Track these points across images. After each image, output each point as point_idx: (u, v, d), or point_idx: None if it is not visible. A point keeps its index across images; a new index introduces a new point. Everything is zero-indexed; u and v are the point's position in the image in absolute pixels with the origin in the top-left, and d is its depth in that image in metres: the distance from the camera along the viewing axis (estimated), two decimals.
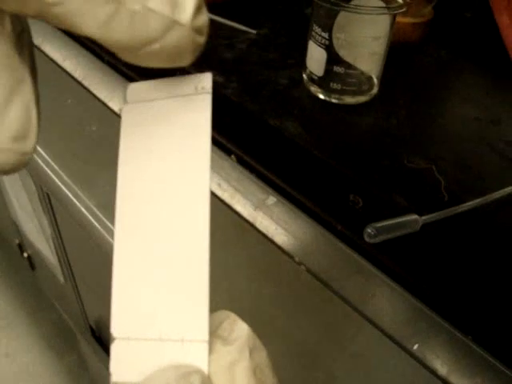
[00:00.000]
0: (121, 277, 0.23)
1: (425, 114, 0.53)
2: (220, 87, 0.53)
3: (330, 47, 0.49)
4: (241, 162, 0.44)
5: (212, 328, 0.22)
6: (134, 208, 0.23)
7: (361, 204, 0.41)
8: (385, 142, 0.48)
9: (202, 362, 0.21)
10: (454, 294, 0.36)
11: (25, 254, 1.45)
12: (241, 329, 0.23)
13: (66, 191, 0.75)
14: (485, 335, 0.34)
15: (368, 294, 0.37)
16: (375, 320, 0.36)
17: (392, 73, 0.55)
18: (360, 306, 0.37)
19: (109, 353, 0.22)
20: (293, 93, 0.53)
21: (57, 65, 0.65)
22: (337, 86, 0.51)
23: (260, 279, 0.48)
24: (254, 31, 0.64)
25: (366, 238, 0.36)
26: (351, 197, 0.41)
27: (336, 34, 0.49)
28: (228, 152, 0.45)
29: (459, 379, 0.34)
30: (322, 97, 0.52)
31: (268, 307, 0.48)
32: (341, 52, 0.50)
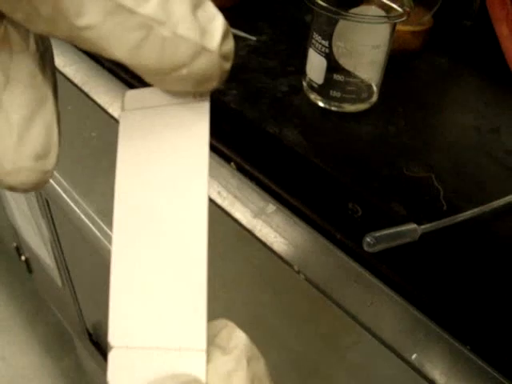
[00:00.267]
0: (118, 285, 0.23)
1: (424, 123, 0.53)
2: (219, 94, 0.53)
3: (330, 55, 0.49)
4: (240, 170, 0.44)
5: (210, 337, 0.22)
6: (132, 216, 0.23)
7: (360, 213, 0.41)
8: (384, 151, 0.48)
9: (200, 371, 0.21)
10: (453, 304, 0.36)
11: (22, 258, 1.45)
12: (239, 337, 0.22)
13: (66, 197, 0.75)
14: (483, 345, 0.34)
15: (367, 303, 0.37)
16: (374, 329, 0.36)
17: (391, 81, 0.56)
18: (358, 315, 0.37)
19: (106, 357, 0.22)
20: (292, 100, 0.53)
21: (57, 71, 0.65)
22: (336, 94, 0.51)
23: (259, 287, 0.48)
24: (254, 38, 0.64)
25: (365, 247, 0.36)
26: (350, 205, 0.41)
27: (336, 42, 0.49)
28: (227, 159, 0.45)
29: None
30: (322, 104, 0.52)
31: (267, 315, 0.48)
32: (341, 60, 0.50)
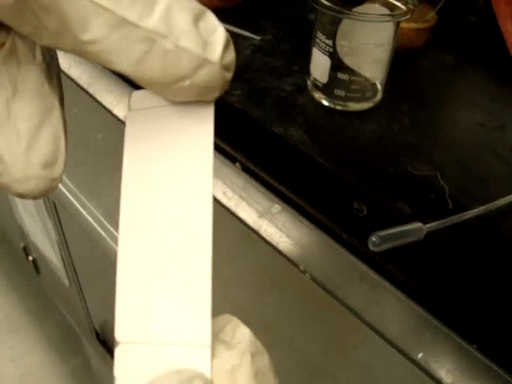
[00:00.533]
0: (124, 282, 0.23)
1: (429, 121, 0.53)
2: (224, 94, 0.53)
3: (334, 54, 0.49)
4: (245, 170, 0.44)
5: (214, 332, 0.22)
6: (138, 214, 0.24)
7: (365, 212, 0.41)
8: (389, 149, 0.48)
9: (205, 367, 0.21)
10: (459, 303, 0.36)
11: (30, 258, 1.45)
12: (243, 333, 0.23)
13: (72, 199, 0.75)
14: (489, 344, 0.34)
15: (372, 302, 0.37)
16: (379, 328, 0.36)
17: (396, 79, 0.56)
18: (364, 314, 0.37)
19: (113, 356, 0.23)
20: (297, 100, 0.53)
21: (62, 72, 0.66)
22: (341, 93, 0.51)
23: (264, 287, 0.48)
24: (258, 37, 0.64)
25: (371, 247, 0.36)
26: (355, 204, 0.41)
27: (340, 41, 0.49)
28: (232, 159, 0.45)
29: None
30: (326, 103, 0.52)
31: (272, 315, 0.48)
32: (345, 59, 0.50)
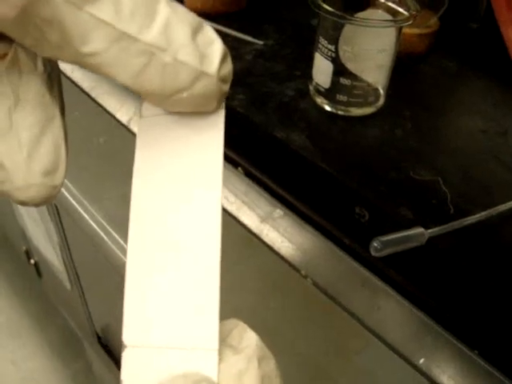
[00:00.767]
0: (133, 286, 0.23)
1: (431, 126, 0.53)
2: (226, 99, 0.53)
3: (337, 59, 0.50)
4: (248, 175, 0.44)
5: (221, 336, 0.22)
6: (147, 220, 0.24)
7: (367, 217, 0.41)
8: (391, 154, 0.48)
9: (212, 371, 0.22)
10: (460, 308, 0.36)
11: (32, 261, 1.46)
12: (250, 337, 0.23)
13: (74, 203, 0.76)
14: (491, 349, 0.34)
15: (374, 308, 0.37)
16: (381, 333, 0.36)
17: (398, 84, 0.56)
18: (366, 320, 0.37)
19: (115, 360, 0.23)
20: (299, 104, 0.53)
21: (65, 76, 0.66)
22: (343, 98, 0.51)
23: (266, 292, 0.48)
24: (261, 42, 0.64)
25: (372, 252, 0.36)
26: (357, 210, 0.41)
27: (342, 47, 0.49)
28: (235, 164, 0.45)
29: None
30: (329, 108, 0.52)
31: (274, 320, 0.48)
32: (347, 64, 0.50)
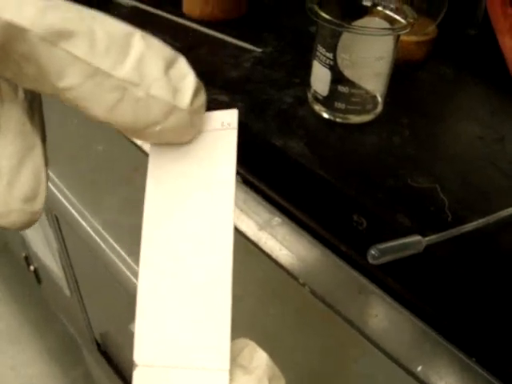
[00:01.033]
0: (144, 305, 0.24)
1: (429, 133, 0.53)
2: (225, 106, 0.53)
3: (335, 67, 0.50)
4: (245, 182, 0.44)
5: (232, 356, 0.22)
6: (159, 238, 0.24)
7: (365, 225, 0.41)
8: (389, 162, 0.48)
9: None
10: (458, 316, 0.36)
11: (31, 268, 1.45)
12: (260, 357, 0.23)
13: (73, 211, 0.76)
14: (489, 357, 0.34)
15: (372, 315, 0.37)
16: (378, 341, 0.36)
17: (396, 91, 0.56)
18: (363, 327, 0.37)
19: (114, 367, 0.23)
20: (298, 112, 0.53)
21: None
22: (341, 106, 0.51)
23: (264, 299, 0.48)
24: (259, 49, 0.64)
25: (370, 260, 0.36)
26: (355, 217, 0.41)
27: (340, 54, 0.49)
28: None
29: None
30: (327, 116, 0.53)
31: (271, 327, 0.48)
32: (345, 72, 0.50)
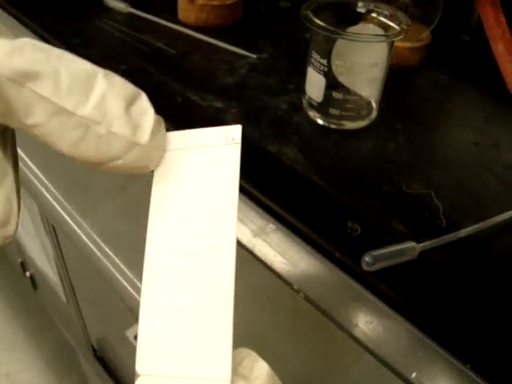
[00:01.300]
0: (147, 314, 0.24)
1: (423, 139, 0.53)
2: (219, 112, 0.53)
3: (329, 73, 0.50)
4: (240, 189, 0.44)
5: (233, 366, 0.22)
6: (163, 249, 0.24)
7: (359, 231, 0.41)
8: (383, 168, 0.48)
9: None
10: (452, 322, 0.36)
11: (27, 274, 1.45)
12: (261, 367, 0.23)
13: (67, 218, 0.75)
14: (483, 363, 0.34)
15: (366, 322, 0.37)
16: (373, 348, 0.36)
17: (390, 97, 0.56)
18: (358, 334, 0.37)
19: (110, 373, 0.23)
20: (292, 118, 0.54)
21: None
22: (336, 112, 0.52)
23: (258, 306, 0.48)
24: (254, 56, 0.64)
25: (364, 266, 0.36)
26: (349, 224, 0.41)
27: (335, 61, 0.49)
28: None
29: None
30: (321, 122, 0.53)
31: (266, 334, 0.48)
32: (340, 78, 0.50)
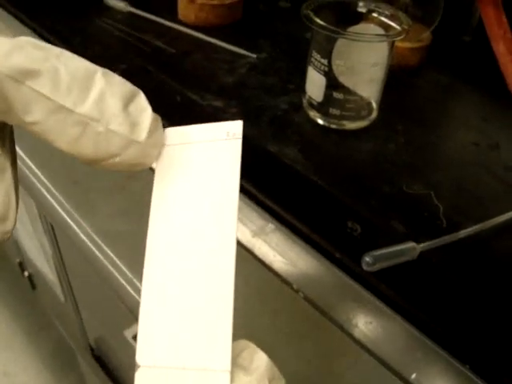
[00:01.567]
0: (147, 306, 0.24)
1: (423, 139, 0.53)
2: (219, 112, 0.53)
3: (330, 73, 0.50)
4: (240, 189, 0.44)
5: (232, 357, 0.23)
6: (163, 243, 0.25)
7: (359, 231, 0.41)
8: (383, 168, 0.48)
9: None
10: (452, 323, 0.36)
11: (25, 273, 1.45)
12: (260, 359, 0.24)
13: (67, 218, 0.75)
14: (482, 364, 0.34)
15: (365, 322, 0.37)
16: (372, 348, 0.36)
17: (391, 97, 0.56)
18: (357, 334, 0.37)
19: (108, 372, 0.23)
20: (292, 118, 0.53)
21: None
22: (336, 112, 0.51)
23: (257, 306, 0.47)
24: (254, 55, 0.64)
25: (364, 267, 0.36)
26: (349, 224, 0.41)
27: (335, 61, 0.49)
28: None
29: None
30: (322, 122, 0.53)
31: (265, 334, 0.48)
32: (340, 78, 0.50)
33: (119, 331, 0.85)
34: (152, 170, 0.26)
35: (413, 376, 0.35)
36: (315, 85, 0.52)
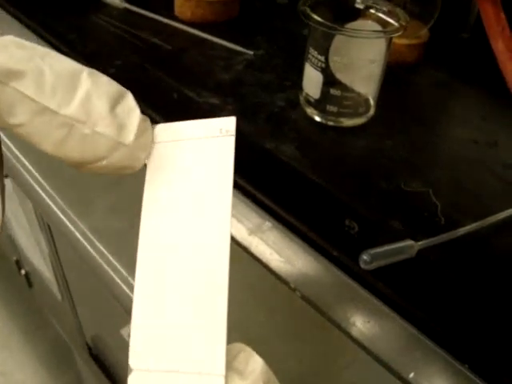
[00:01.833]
0: (140, 309, 0.23)
1: (421, 137, 0.53)
2: (216, 109, 0.53)
3: (327, 70, 0.49)
4: (236, 187, 0.44)
5: (227, 361, 0.22)
6: (156, 243, 0.24)
7: (356, 229, 0.40)
8: (381, 165, 0.48)
9: None
10: (451, 322, 0.35)
11: (22, 272, 1.45)
12: (255, 362, 0.23)
13: (63, 217, 0.75)
14: (481, 363, 0.34)
15: (363, 321, 0.36)
16: (370, 347, 0.36)
17: (388, 94, 0.55)
18: (355, 333, 0.36)
19: (105, 371, 0.23)
20: (289, 115, 0.53)
21: None
22: (333, 109, 0.51)
23: (254, 305, 0.47)
24: (251, 52, 0.64)
25: (362, 265, 0.36)
26: (347, 222, 0.41)
27: (332, 57, 0.49)
28: None
29: None
30: (319, 119, 0.52)
31: (262, 333, 0.48)
32: (337, 75, 0.50)
33: (116, 329, 0.85)
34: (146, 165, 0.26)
35: (411, 375, 0.34)
36: (312, 81, 0.51)
